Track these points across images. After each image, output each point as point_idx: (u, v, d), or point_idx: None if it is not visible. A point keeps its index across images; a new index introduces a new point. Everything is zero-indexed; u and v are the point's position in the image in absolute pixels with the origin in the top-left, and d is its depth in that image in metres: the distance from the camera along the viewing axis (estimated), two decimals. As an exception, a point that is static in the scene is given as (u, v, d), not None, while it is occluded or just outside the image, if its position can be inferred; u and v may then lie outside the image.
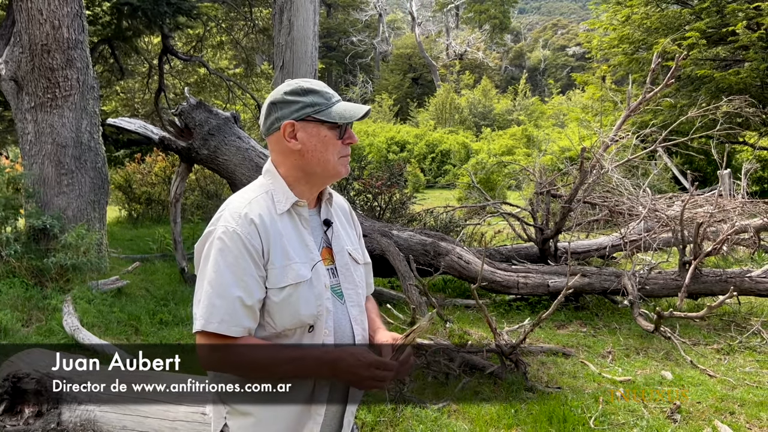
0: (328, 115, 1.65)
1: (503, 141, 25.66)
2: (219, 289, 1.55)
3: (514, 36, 60.22)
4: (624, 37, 17.70)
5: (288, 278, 1.60)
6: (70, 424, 3.44)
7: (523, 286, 6.86)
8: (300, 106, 1.66)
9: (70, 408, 3.48)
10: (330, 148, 1.67)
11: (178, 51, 13.20)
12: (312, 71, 8.26)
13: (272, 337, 1.62)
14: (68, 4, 6.87)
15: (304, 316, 1.61)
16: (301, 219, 1.70)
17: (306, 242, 1.68)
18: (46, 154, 7.22)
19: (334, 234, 1.77)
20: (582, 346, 5.93)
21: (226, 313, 1.54)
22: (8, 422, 3.57)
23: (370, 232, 7.00)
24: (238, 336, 1.56)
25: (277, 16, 8.31)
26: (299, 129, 1.66)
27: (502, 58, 52.50)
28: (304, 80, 1.73)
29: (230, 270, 1.56)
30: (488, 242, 10.32)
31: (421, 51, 43.18)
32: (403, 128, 28.69)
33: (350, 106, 1.68)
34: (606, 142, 6.71)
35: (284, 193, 1.68)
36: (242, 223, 1.59)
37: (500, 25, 46.19)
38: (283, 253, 1.61)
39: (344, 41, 45.55)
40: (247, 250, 1.57)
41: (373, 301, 1.99)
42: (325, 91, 1.69)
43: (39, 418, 3.51)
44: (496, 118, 32.80)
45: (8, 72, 7.33)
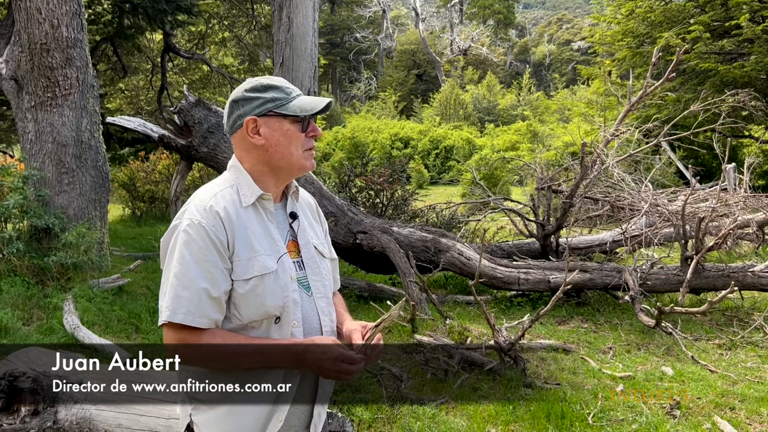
0: (289, 108, 1.68)
1: (507, 137, 25.60)
2: (184, 280, 1.57)
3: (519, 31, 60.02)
4: (628, 30, 17.62)
5: (253, 270, 1.61)
6: (66, 422, 3.45)
7: (524, 282, 6.84)
8: (261, 101, 1.68)
9: (66, 406, 3.49)
10: (293, 141, 1.69)
11: (180, 49, 13.21)
12: (312, 68, 8.24)
13: (239, 329, 1.63)
14: (67, 2, 6.87)
15: (270, 307, 1.62)
16: (266, 212, 1.71)
17: (272, 235, 1.69)
18: (46, 153, 7.24)
19: (300, 227, 1.79)
20: (583, 342, 5.91)
21: (191, 304, 1.55)
22: (5, 420, 3.58)
23: (371, 228, 6.99)
24: (204, 327, 1.57)
25: (276, 13, 8.29)
26: (262, 124, 1.68)
27: (507, 53, 52.32)
28: (264, 77, 1.75)
29: (196, 262, 1.57)
30: (490, 239, 10.30)
31: (425, 47, 43.07)
32: (407, 124, 28.64)
33: (311, 99, 1.71)
34: (607, 137, 6.67)
35: (249, 187, 1.69)
36: (207, 215, 1.60)
37: (504, 20, 46.01)
38: (248, 245, 1.63)
39: (348, 38, 45.49)
40: (213, 242, 1.58)
41: (340, 296, 2.00)
42: (285, 87, 1.72)
43: (35, 416, 3.52)
44: (501, 113, 32.73)
45: (8, 71, 7.34)
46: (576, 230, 8.82)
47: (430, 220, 10.36)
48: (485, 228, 10.74)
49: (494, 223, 11.18)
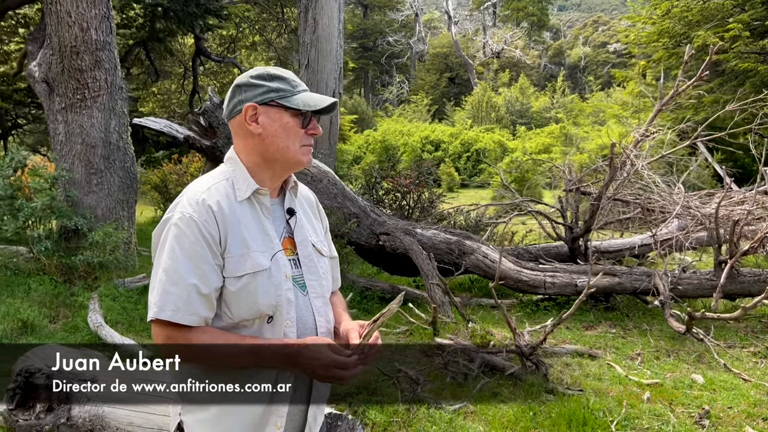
0: (292, 101, 1.62)
1: (540, 139, 25.29)
2: (174, 276, 1.51)
3: (553, 33, 59.37)
4: (664, 30, 17.24)
5: (246, 267, 1.55)
6: (79, 419, 3.46)
7: (550, 286, 6.69)
8: (264, 90, 1.63)
9: (79, 403, 3.50)
10: (291, 135, 1.63)
11: (211, 52, 13.35)
12: (337, 69, 8.22)
13: (229, 328, 1.57)
14: (96, 6, 6.97)
15: (263, 306, 1.56)
16: (262, 207, 1.65)
17: (266, 231, 1.63)
18: (76, 154, 7.36)
19: (297, 224, 1.72)
20: (610, 347, 5.74)
21: (180, 301, 1.50)
22: (21, 416, 3.62)
23: (393, 230, 6.92)
24: (193, 325, 1.52)
25: (302, 15, 8.30)
26: (261, 113, 1.63)
27: (541, 55, 51.77)
28: (273, 67, 1.70)
29: (186, 257, 1.52)
30: (519, 242, 10.13)
31: (457, 50, 42.89)
32: (438, 127, 28.51)
33: (316, 95, 1.65)
34: (637, 137, 6.49)
35: (245, 181, 1.64)
36: (199, 209, 1.55)
37: (538, 23, 45.51)
38: (241, 241, 1.57)
39: (381, 41, 45.55)
40: (204, 238, 1.53)
41: (340, 296, 1.94)
42: (292, 79, 1.66)
43: (50, 413, 3.54)
44: (534, 116, 32.36)
45: (41, 74, 7.49)
46: (607, 233, 8.62)
47: (457, 222, 10.25)
48: (513, 231, 10.60)
49: (524, 226, 11.02)
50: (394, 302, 1.60)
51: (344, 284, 6.98)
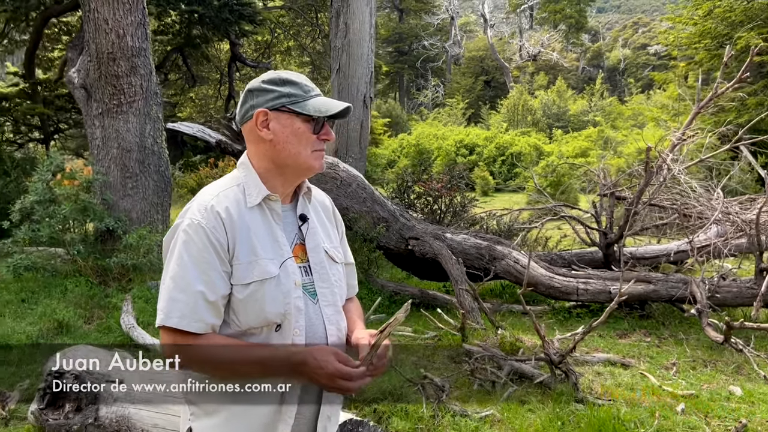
0: (303, 107, 1.59)
1: (577, 143, 24.89)
2: (181, 283, 1.51)
3: (592, 36, 58.50)
4: (705, 31, 16.81)
5: (254, 275, 1.53)
6: (106, 419, 3.51)
7: (583, 293, 6.56)
8: (276, 95, 1.61)
9: (107, 404, 3.55)
10: (303, 141, 1.60)
11: (246, 58, 13.51)
12: (368, 73, 8.22)
13: (237, 336, 1.56)
14: (132, 13, 7.12)
15: (270, 314, 1.53)
16: (273, 213, 1.63)
17: (276, 238, 1.61)
18: (112, 158, 7.51)
19: (310, 230, 1.69)
20: (644, 356, 5.60)
21: (186, 308, 1.49)
22: (51, 416, 3.69)
23: (423, 234, 6.87)
24: (199, 332, 1.51)
25: (333, 19, 8.33)
26: (272, 119, 1.61)
27: (579, 58, 51.06)
28: (285, 72, 1.68)
29: (193, 264, 1.51)
30: (552, 247, 9.97)
31: (493, 53, 42.59)
32: (472, 131, 28.30)
33: (328, 100, 1.62)
34: (673, 141, 6.32)
35: (256, 186, 1.62)
36: (207, 216, 1.54)
37: (576, 25, 44.88)
38: (249, 248, 1.55)
39: (416, 45, 45.52)
40: (212, 244, 1.52)
41: (356, 302, 1.91)
42: (304, 84, 1.63)
43: (78, 413, 3.60)
44: (571, 119, 31.88)
45: (79, 80, 7.68)
46: (643, 239, 8.42)
47: (489, 227, 10.14)
48: (547, 236, 10.44)
49: (560, 231, 10.85)
50: (400, 311, 1.56)
51: (373, 288, 6.97)
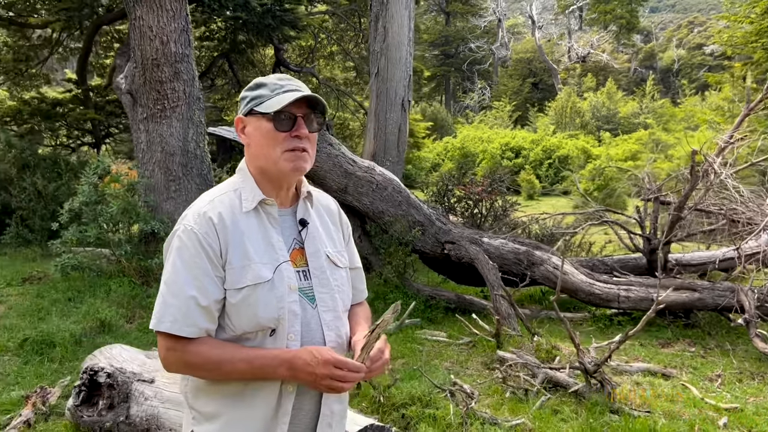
0: (265, 106, 1.58)
1: (627, 146, 24.29)
2: (174, 288, 1.52)
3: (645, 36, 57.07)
4: (763, 30, 16.17)
5: (246, 279, 1.53)
6: (137, 418, 3.58)
7: (625, 300, 6.38)
8: (248, 99, 1.63)
9: (137, 402, 3.62)
10: (270, 141, 1.58)
11: (290, 63, 13.67)
12: (406, 76, 8.21)
13: (233, 340, 1.56)
14: (176, 20, 7.29)
15: (263, 319, 1.53)
16: (269, 218, 1.63)
17: (272, 242, 1.60)
18: (156, 162, 7.70)
19: (309, 235, 1.68)
20: (687, 367, 5.40)
21: (179, 312, 1.50)
22: (85, 412, 3.79)
23: (459, 239, 6.81)
24: (192, 336, 1.51)
25: (372, 24, 8.35)
26: (247, 123, 1.64)
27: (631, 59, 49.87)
28: (266, 76, 1.68)
29: (186, 269, 1.52)
30: (597, 252, 9.74)
31: (541, 55, 42.00)
32: (518, 133, 27.94)
33: (287, 95, 1.57)
34: (721, 144, 6.09)
35: (252, 191, 1.62)
36: (200, 221, 1.55)
37: (627, 25, 43.82)
38: (242, 253, 1.55)
39: (462, 48, 45.26)
40: (204, 250, 1.52)
41: (364, 307, 1.88)
42: (274, 83, 1.62)
43: (111, 410, 3.69)
44: (621, 121, 31.14)
45: (126, 86, 7.91)
46: (691, 245, 8.15)
47: (531, 232, 9.98)
48: (591, 241, 10.21)
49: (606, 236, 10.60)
50: (388, 312, 1.54)
51: (408, 292, 6.94)
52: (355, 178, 6.83)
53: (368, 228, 7.32)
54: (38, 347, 5.51)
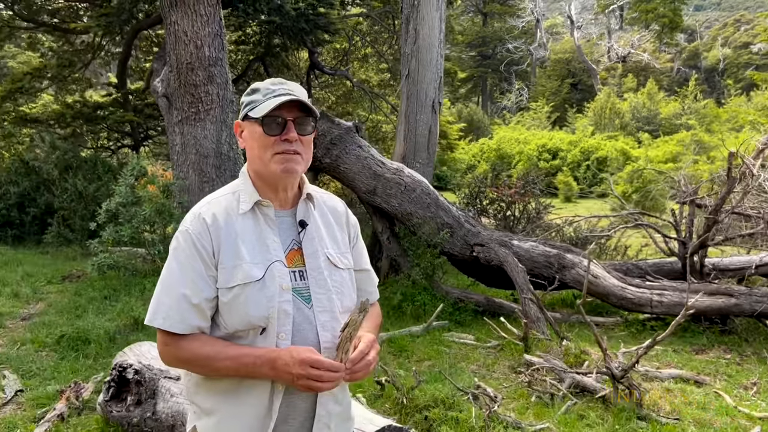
0: (255, 111, 1.62)
1: (667, 147, 23.73)
2: (167, 285, 1.59)
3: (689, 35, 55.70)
4: (811, 28, 15.66)
5: (236, 278, 1.57)
6: (163, 414, 3.65)
7: (657, 305, 6.25)
8: (244, 105, 1.68)
9: (164, 399, 3.70)
10: (261, 144, 1.63)
11: (324, 66, 13.77)
12: (437, 78, 8.19)
13: (227, 338, 1.60)
14: (209, 24, 7.42)
15: (253, 317, 1.56)
16: (266, 219, 1.66)
17: (266, 243, 1.63)
18: (190, 164, 7.84)
19: (307, 235, 1.70)
20: (721, 374, 5.27)
21: (171, 309, 1.56)
22: (114, 408, 3.89)
23: (488, 241, 6.77)
24: (183, 333, 1.56)
25: (404, 26, 8.36)
26: (243, 128, 1.69)
27: (674, 59, 48.75)
28: (262, 81, 1.71)
29: (180, 268, 1.58)
30: (632, 256, 9.56)
31: (580, 55, 41.38)
32: (556, 135, 27.60)
33: (274, 100, 1.60)
34: (759, 146, 5.92)
35: (249, 194, 1.67)
36: (195, 222, 1.61)
37: (670, 24, 42.77)
38: (234, 253, 1.59)
39: (500, 49, 44.92)
40: (197, 250, 1.58)
41: (373, 309, 1.88)
42: (266, 88, 1.65)
43: (138, 406, 3.77)
44: (662, 122, 30.45)
45: (162, 89, 8.08)
46: (730, 249, 7.93)
47: (566, 234, 9.85)
48: (627, 245, 10.02)
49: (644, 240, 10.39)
50: (354, 311, 1.57)
51: (437, 294, 6.92)
52: (384, 179, 6.85)
53: (397, 230, 7.33)
54: (74, 343, 5.67)
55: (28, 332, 6.14)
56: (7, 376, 5.00)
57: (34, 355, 5.58)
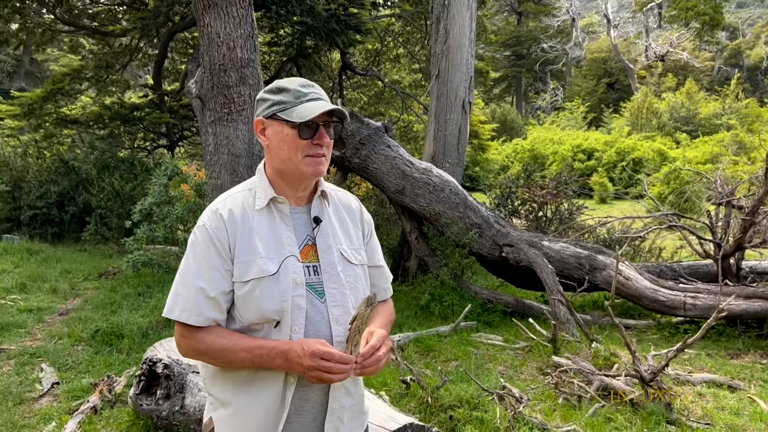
0: (289, 114, 1.64)
1: (707, 148, 23.19)
2: (184, 279, 1.64)
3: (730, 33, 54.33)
4: None
5: (251, 273, 1.60)
6: (191, 408, 3.72)
7: (691, 308, 6.12)
8: (269, 103, 1.68)
9: (192, 393, 3.77)
10: (292, 147, 1.65)
11: (355, 66, 13.83)
12: (467, 78, 8.14)
13: (242, 331, 1.64)
14: (242, 26, 7.51)
15: (267, 311, 1.59)
16: (281, 215, 1.70)
17: (281, 238, 1.66)
18: (223, 164, 7.95)
19: (321, 231, 1.73)
20: (757, 379, 5.13)
21: (187, 302, 1.60)
22: (144, 401, 3.98)
23: (517, 242, 6.71)
24: (199, 325, 1.60)
25: (434, 25, 8.34)
26: (267, 126, 1.70)
27: (715, 57, 47.59)
28: (286, 79, 1.73)
29: (196, 262, 1.63)
30: (667, 258, 9.38)
31: (617, 54, 40.71)
32: (591, 135, 27.20)
33: (314, 105, 1.64)
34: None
35: (264, 190, 1.70)
36: (212, 218, 1.66)
37: (711, 22, 41.80)
38: (249, 247, 1.63)
39: (534, 48, 44.48)
40: (213, 244, 1.62)
41: (386, 306, 1.91)
42: (297, 89, 1.67)
43: (167, 400, 3.85)
44: (702, 122, 29.76)
45: (196, 90, 8.21)
46: None
47: (600, 236, 9.71)
48: (662, 246, 9.84)
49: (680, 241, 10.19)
50: (361, 305, 1.58)
51: (465, 295, 6.89)
52: (412, 179, 6.85)
53: (425, 229, 7.32)
54: (108, 338, 5.82)
55: (65, 327, 6.32)
56: (45, 369, 5.15)
57: (70, 348, 5.74)
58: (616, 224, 9.71)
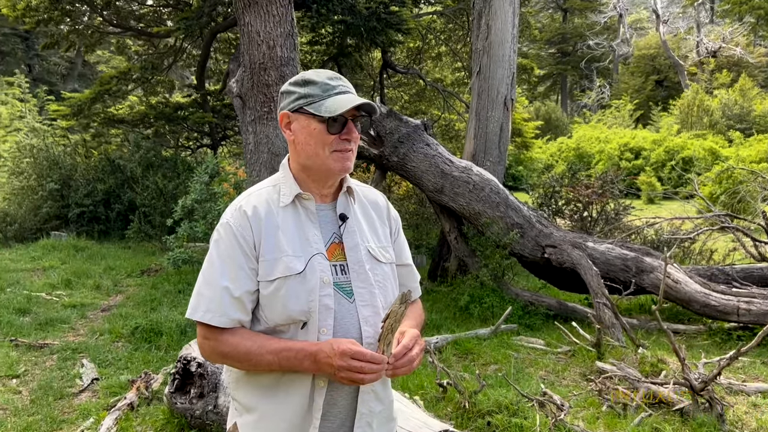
0: (317, 108, 1.57)
1: (762, 146, 22.32)
2: (208, 278, 1.56)
3: (787, 27, 52.25)
4: None
5: (277, 271, 1.53)
6: (224, 407, 3.69)
7: (745, 313, 5.83)
8: (295, 97, 1.61)
9: (225, 392, 3.74)
10: (319, 142, 1.58)
11: (397, 65, 13.74)
12: (509, 75, 7.95)
13: (268, 332, 1.56)
14: (281, 25, 7.50)
15: (293, 311, 1.52)
16: (306, 212, 1.63)
17: (307, 236, 1.59)
18: (262, 162, 7.96)
19: (348, 229, 1.65)
20: (816, 390, 4.84)
21: (212, 302, 1.53)
22: (179, 400, 3.97)
23: (561, 242, 6.51)
24: (224, 326, 1.53)
25: (475, 21, 8.18)
26: (293, 120, 1.62)
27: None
28: (312, 71, 1.65)
29: (221, 260, 1.56)
30: (719, 260, 9.01)
31: (666, 50, 39.54)
32: (639, 133, 26.49)
33: (343, 99, 1.56)
34: None
35: (289, 187, 1.63)
36: (236, 215, 1.59)
37: (766, 16, 40.32)
38: (275, 245, 1.55)
39: (580, 45, 43.60)
40: (238, 242, 1.55)
41: (415, 305, 1.82)
42: (325, 82, 1.59)
43: (201, 399, 3.83)
44: (756, 120, 28.67)
45: (237, 89, 8.25)
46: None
47: (647, 237, 9.39)
48: (713, 249, 9.46)
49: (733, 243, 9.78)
50: (395, 303, 1.47)
51: (506, 297, 6.73)
52: (452, 178, 6.72)
53: (465, 229, 7.18)
54: (147, 335, 5.87)
55: (107, 323, 6.40)
56: (85, 365, 5.22)
57: (110, 345, 5.81)
58: (664, 225, 9.38)
